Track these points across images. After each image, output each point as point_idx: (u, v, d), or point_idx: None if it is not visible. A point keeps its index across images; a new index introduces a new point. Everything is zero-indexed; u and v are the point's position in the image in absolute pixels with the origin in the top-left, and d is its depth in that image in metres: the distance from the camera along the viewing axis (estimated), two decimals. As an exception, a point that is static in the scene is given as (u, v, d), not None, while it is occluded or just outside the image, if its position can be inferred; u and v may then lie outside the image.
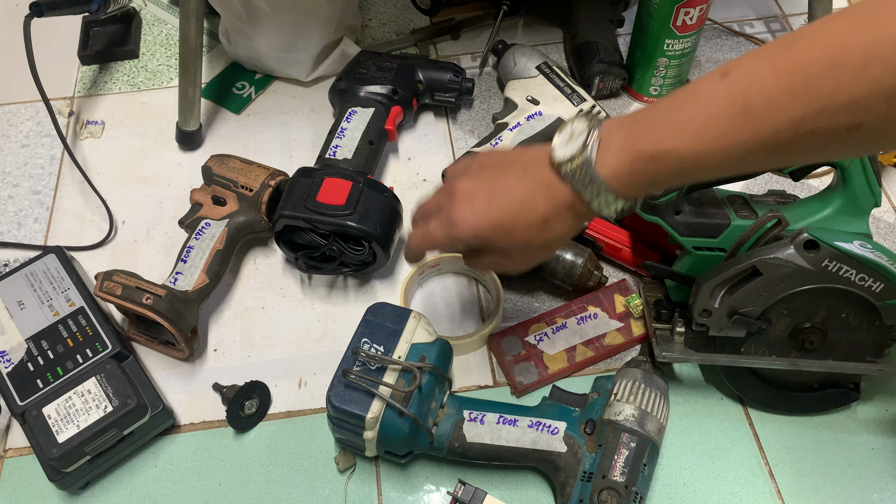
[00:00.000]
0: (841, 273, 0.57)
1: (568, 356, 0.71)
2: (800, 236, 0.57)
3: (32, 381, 0.66)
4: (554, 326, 0.73)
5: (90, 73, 1.00)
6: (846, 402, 0.68)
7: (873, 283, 0.58)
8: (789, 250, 0.57)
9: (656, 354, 0.65)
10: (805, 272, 0.57)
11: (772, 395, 0.68)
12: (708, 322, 0.62)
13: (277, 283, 0.80)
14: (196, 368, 0.74)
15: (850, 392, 0.67)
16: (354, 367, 0.61)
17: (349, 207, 0.72)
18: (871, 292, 0.58)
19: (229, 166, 0.78)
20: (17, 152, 0.92)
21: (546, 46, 0.99)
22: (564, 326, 0.73)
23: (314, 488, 0.66)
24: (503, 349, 0.71)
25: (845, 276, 0.58)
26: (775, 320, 0.62)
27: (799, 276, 0.58)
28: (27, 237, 0.84)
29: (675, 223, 0.65)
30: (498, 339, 0.72)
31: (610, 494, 0.57)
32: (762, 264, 0.58)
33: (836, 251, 0.56)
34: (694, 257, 0.66)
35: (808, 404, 0.68)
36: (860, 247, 0.57)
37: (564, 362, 0.71)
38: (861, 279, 0.58)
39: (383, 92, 0.85)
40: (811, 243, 0.56)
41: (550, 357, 0.71)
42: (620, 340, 0.72)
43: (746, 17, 1.03)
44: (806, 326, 0.62)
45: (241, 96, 0.96)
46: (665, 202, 0.65)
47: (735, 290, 0.60)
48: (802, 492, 0.65)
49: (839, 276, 0.58)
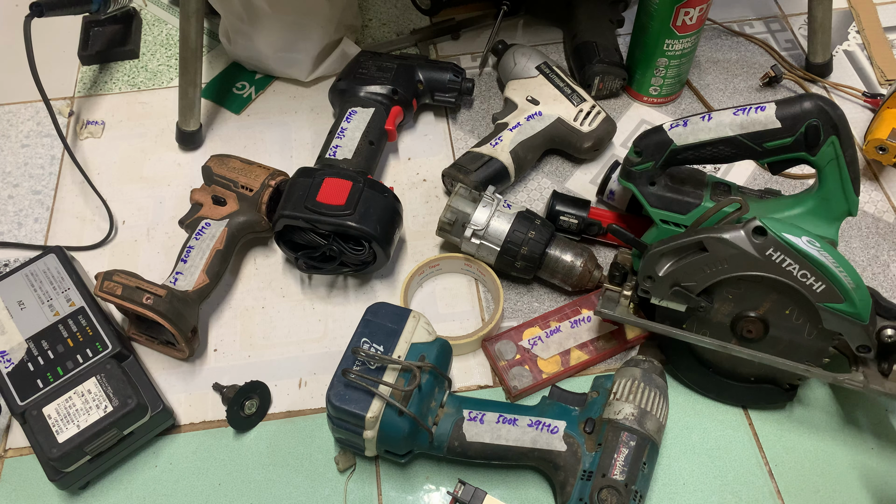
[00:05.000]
0: (784, 265, 0.58)
1: (562, 360, 0.71)
2: (751, 222, 0.57)
3: (32, 381, 0.66)
4: (548, 330, 0.73)
5: (90, 73, 1.00)
6: (778, 402, 0.68)
7: (815, 281, 0.58)
8: (737, 233, 0.58)
9: (595, 309, 0.67)
10: (748, 257, 0.58)
11: (706, 379, 0.68)
12: (651, 289, 0.63)
13: (277, 283, 0.80)
14: (196, 368, 0.74)
15: (785, 392, 0.67)
16: (354, 366, 0.61)
17: (349, 207, 0.72)
18: (812, 291, 0.58)
19: (229, 166, 0.78)
20: (17, 152, 0.92)
21: (546, 46, 0.99)
22: (558, 330, 0.73)
23: (314, 488, 0.66)
24: (497, 353, 0.71)
25: (788, 269, 0.58)
26: (718, 303, 0.62)
27: (742, 260, 0.58)
28: (27, 237, 0.85)
29: (648, 193, 0.66)
30: (492, 344, 0.72)
31: (610, 493, 0.57)
32: (708, 241, 0.58)
33: (781, 242, 0.57)
34: (660, 230, 0.68)
35: (739, 395, 0.69)
36: (807, 243, 0.57)
37: (559, 366, 0.70)
38: (803, 275, 0.58)
39: (383, 92, 0.85)
40: (760, 230, 0.57)
41: (545, 361, 0.71)
42: (614, 344, 0.72)
43: (746, 17, 1.03)
44: (748, 315, 0.62)
45: (241, 96, 0.96)
46: (640, 170, 0.65)
47: (680, 263, 0.60)
48: (802, 492, 0.65)
49: (782, 269, 0.58)
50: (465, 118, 0.93)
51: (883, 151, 0.82)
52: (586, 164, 0.88)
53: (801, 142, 0.63)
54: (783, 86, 0.95)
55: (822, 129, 0.62)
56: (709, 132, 0.65)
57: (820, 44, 0.92)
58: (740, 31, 1.01)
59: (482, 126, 0.92)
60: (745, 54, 0.98)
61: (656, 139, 0.68)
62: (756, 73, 0.96)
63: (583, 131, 0.84)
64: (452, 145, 0.90)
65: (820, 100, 0.62)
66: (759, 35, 1.00)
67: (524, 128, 0.83)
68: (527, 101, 0.85)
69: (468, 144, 0.89)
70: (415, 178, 0.87)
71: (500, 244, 0.73)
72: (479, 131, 0.91)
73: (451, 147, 0.90)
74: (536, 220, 0.74)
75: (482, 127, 0.92)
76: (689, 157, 0.67)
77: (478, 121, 0.92)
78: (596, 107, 0.85)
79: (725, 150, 0.66)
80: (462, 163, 0.81)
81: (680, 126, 0.67)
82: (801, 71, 0.95)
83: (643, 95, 0.92)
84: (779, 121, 0.63)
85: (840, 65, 0.97)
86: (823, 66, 0.94)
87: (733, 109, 0.65)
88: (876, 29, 1.00)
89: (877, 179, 0.85)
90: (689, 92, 0.94)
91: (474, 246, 0.75)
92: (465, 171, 0.80)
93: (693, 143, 0.66)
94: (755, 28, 1.02)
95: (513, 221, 0.73)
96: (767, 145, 0.64)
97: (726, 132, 0.65)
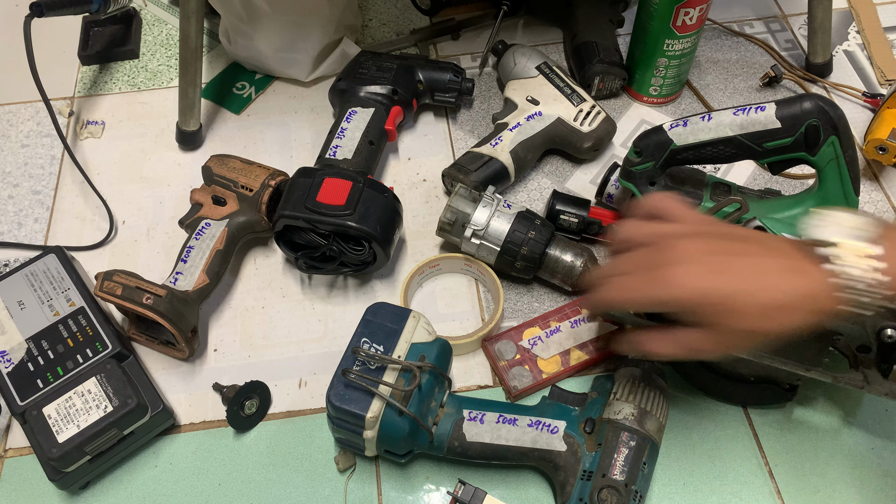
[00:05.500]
0: None
1: (562, 360, 0.71)
2: (751, 222, 0.57)
3: (32, 381, 0.66)
4: (548, 330, 0.72)
5: (90, 73, 1.00)
6: (778, 402, 0.68)
7: None
8: None
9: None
10: None
11: (706, 379, 0.68)
12: None
13: (277, 283, 0.80)
14: (196, 368, 0.74)
15: (785, 392, 0.67)
16: (354, 366, 0.61)
17: (349, 207, 0.72)
18: None
19: (229, 166, 0.78)
20: (17, 152, 0.92)
21: (546, 46, 0.99)
22: (558, 330, 0.72)
23: (314, 488, 0.66)
24: (497, 353, 0.71)
25: None
26: None
27: None
28: (27, 237, 0.84)
29: (648, 193, 0.66)
30: (492, 344, 0.72)
31: (610, 493, 0.57)
32: None
33: None
34: None
35: (739, 395, 0.69)
36: None
37: (559, 366, 0.70)
38: None
39: (383, 92, 0.85)
40: (759, 230, 0.57)
41: (545, 361, 0.71)
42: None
43: (746, 17, 1.03)
44: None
45: (241, 96, 0.96)
46: (640, 170, 0.65)
47: None
48: (802, 492, 0.65)
49: None
50: (465, 118, 0.93)
51: (883, 151, 0.82)
52: (586, 164, 0.88)
53: (801, 142, 0.63)
54: (783, 86, 0.95)
55: (822, 129, 0.62)
56: (709, 132, 0.65)
57: (820, 44, 0.92)
58: (740, 31, 1.01)
59: (482, 126, 0.92)
60: (745, 54, 0.98)
61: (656, 139, 0.68)
62: (756, 73, 0.96)
63: (583, 131, 0.84)
64: (452, 145, 0.90)
65: (820, 100, 0.62)
66: (759, 35, 1.00)
67: (524, 128, 0.83)
68: (527, 101, 0.85)
69: (468, 144, 0.89)
70: (415, 178, 0.87)
71: (500, 244, 0.73)
72: (479, 131, 0.91)
73: (451, 147, 0.90)
74: (536, 220, 0.74)
75: (482, 127, 0.92)
76: (689, 157, 0.67)
77: (478, 121, 0.92)
78: (596, 107, 0.85)
79: (725, 150, 0.66)
80: (462, 163, 0.81)
81: (680, 126, 0.67)
82: (801, 71, 0.95)
83: (643, 95, 0.92)
84: (779, 121, 0.63)
85: (840, 65, 0.97)
86: (823, 66, 0.94)
87: (733, 109, 0.65)
88: (876, 29, 1.00)
89: (877, 179, 0.85)
90: (689, 92, 0.94)
91: (474, 246, 0.75)
92: (465, 171, 0.80)
93: (693, 143, 0.66)
94: (755, 28, 1.02)
95: (513, 221, 0.73)
96: (767, 145, 0.64)
97: (726, 132, 0.65)
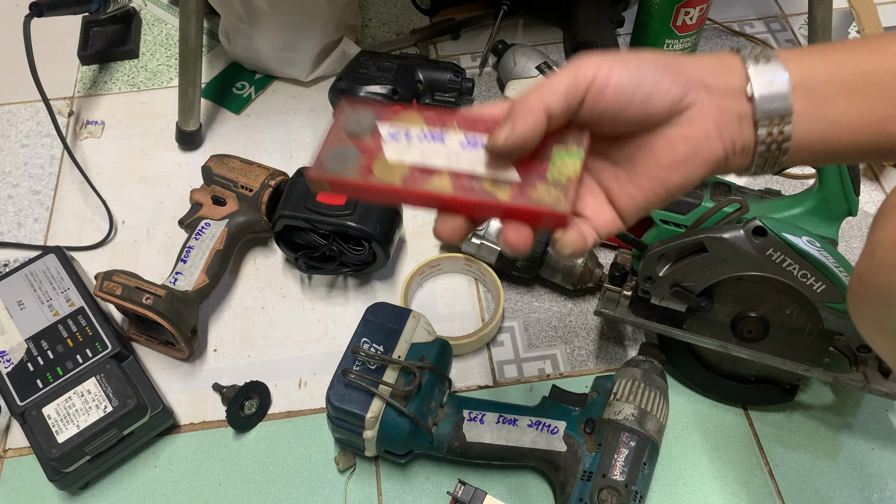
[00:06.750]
0: (784, 265, 0.57)
1: (409, 177, 0.42)
2: (751, 222, 0.57)
3: (32, 381, 0.66)
4: (429, 130, 0.44)
5: (90, 73, 1.00)
6: (778, 401, 0.68)
7: (815, 281, 0.57)
8: (737, 233, 0.57)
9: (595, 309, 0.67)
10: (748, 257, 0.58)
11: (706, 379, 0.69)
12: (651, 289, 0.62)
13: (277, 283, 0.80)
14: (196, 368, 0.74)
15: (785, 392, 0.67)
16: (354, 366, 0.61)
17: (349, 207, 0.72)
18: (813, 291, 0.58)
19: (229, 166, 0.78)
20: (17, 152, 0.92)
21: (546, 46, 0.99)
22: (441, 139, 0.44)
23: (314, 488, 0.66)
24: (345, 119, 0.45)
25: (788, 269, 0.57)
26: (718, 303, 0.62)
27: (742, 260, 0.58)
28: (27, 237, 0.84)
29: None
30: (350, 106, 0.45)
31: (610, 493, 0.57)
32: (708, 241, 0.58)
33: (781, 242, 0.56)
34: (660, 230, 0.68)
35: (739, 395, 0.69)
36: (807, 243, 0.57)
37: (398, 181, 0.42)
38: (803, 275, 0.57)
39: (383, 92, 0.85)
40: (760, 230, 0.57)
41: (385, 163, 0.43)
42: (505, 198, 0.41)
43: (746, 17, 1.03)
44: (748, 315, 0.62)
45: (241, 96, 0.96)
46: None
47: (680, 263, 0.60)
48: (802, 492, 0.65)
49: (782, 269, 0.58)
50: (465, 118, 0.93)
51: (883, 151, 0.82)
52: (586, 164, 0.88)
53: (802, 142, 0.63)
54: (783, 86, 0.94)
55: (823, 129, 0.62)
56: None
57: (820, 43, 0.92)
58: (740, 31, 1.01)
59: (482, 126, 0.92)
60: (745, 54, 0.98)
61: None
62: (756, 73, 0.96)
63: (583, 131, 0.83)
64: (452, 145, 0.90)
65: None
66: (759, 35, 1.00)
67: (524, 128, 0.83)
68: (527, 101, 0.85)
69: (468, 144, 0.89)
70: (415, 178, 0.87)
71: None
72: (479, 131, 0.91)
73: (451, 147, 0.90)
74: (536, 220, 0.74)
75: (482, 127, 0.92)
76: None
77: (478, 121, 0.92)
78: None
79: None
80: (462, 163, 0.81)
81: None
82: (802, 71, 0.95)
83: (643, 95, 0.92)
84: None
85: (840, 65, 0.96)
86: (823, 66, 0.94)
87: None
88: (876, 29, 1.00)
89: (877, 179, 0.85)
90: (689, 92, 0.94)
91: (475, 246, 0.75)
92: (465, 171, 0.80)
93: None
94: (755, 28, 1.01)
95: (513, 221, 0.73)
96: (767, 145, 0.64)
97: None
